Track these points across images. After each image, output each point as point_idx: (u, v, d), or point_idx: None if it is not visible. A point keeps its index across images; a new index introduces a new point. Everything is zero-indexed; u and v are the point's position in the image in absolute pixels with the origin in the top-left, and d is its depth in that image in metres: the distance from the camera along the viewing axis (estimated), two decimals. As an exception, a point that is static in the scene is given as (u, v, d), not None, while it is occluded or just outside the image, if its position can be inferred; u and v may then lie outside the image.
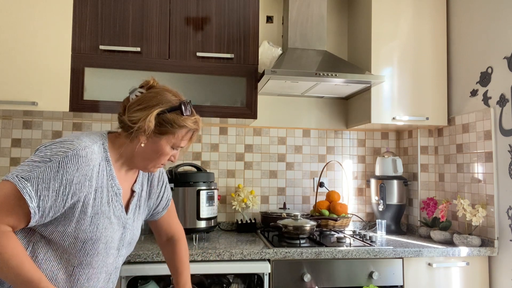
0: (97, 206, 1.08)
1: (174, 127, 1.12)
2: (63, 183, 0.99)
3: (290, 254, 1.86)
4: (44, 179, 0.97)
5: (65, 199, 1.00)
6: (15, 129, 2.35)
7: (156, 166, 1.17)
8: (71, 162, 1.00)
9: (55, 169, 0.98)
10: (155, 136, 1.12)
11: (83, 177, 1.03)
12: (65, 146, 1.02)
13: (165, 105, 1.12)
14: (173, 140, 1.14)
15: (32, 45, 2.03)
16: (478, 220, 2.04)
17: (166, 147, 1.14)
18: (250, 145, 2.59)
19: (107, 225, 1.10)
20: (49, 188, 0.98)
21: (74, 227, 1.04)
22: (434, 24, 2.40)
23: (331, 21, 2.72)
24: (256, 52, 2.23)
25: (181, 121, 1.12)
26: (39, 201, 0.97)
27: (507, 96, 1.99)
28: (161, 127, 1.11)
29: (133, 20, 2.13)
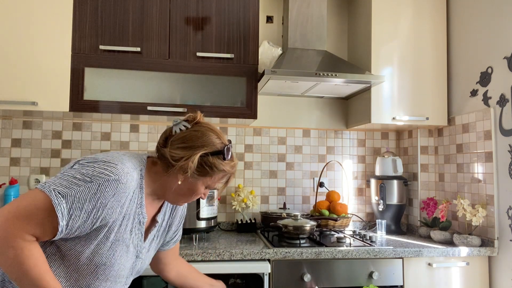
0: (121, 233, 1.05)
1: (214, 171, 1.10)
2: (97, 206, 0.97)
3: (290, 254, 1.86)
4: (80, 199, 0.95)
5: (94, 221, 0.98)
6: (15, 129, 2.35)
7: (186, 201, 1.16)
8: (110, 187, 0.98)
9: (94, 191, 0.96)
10: (193, 176, 1.09)
11: (117, 203, 1.00)
12: (108, 169, 0.99)
13: (209, 148, 1.09)
14: (209, 182, 1.13)
15: (32, 45, 2.03)
16: (478, 220, 2.04)
17: (201, 187, 1.13)
18: (250, 145, 2.59)
19: (124, 252, 1.08)
20: (82, 208, 0.95)
21: (93, 250, 1.02)
22: (434, 24, 2.40)
23: (331, 21, 2.72)
24: (256, 52, 2.23)
25: (221, 165, 1.11)
26: (70, 219, 0.94)
27: (507, 96, 1.99)
28: (201, 169, 1.09)
29: (133, 20, 2.13)
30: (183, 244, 1.96)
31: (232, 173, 1.15)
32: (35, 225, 0.93)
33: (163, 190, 1.14)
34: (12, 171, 2.33)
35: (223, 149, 1.11)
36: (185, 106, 2.15)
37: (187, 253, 1.79)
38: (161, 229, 1.25)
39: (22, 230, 0.91)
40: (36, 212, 0.92)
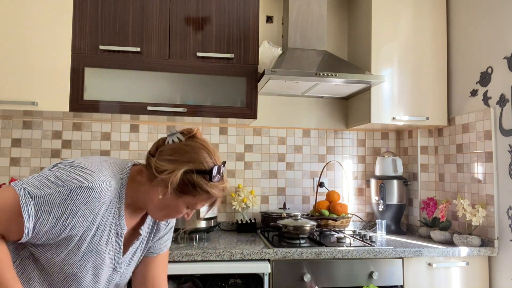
0: (94, 244, 1.00)
1: (197, 190, 1.01)
2: (66, 213, 0.92)
3: (290, 254, 1.86)
4: (49, 202, 0.91)
5: (63, 229, 0.93)
6: (15, 129, 2.35)
7: (166, 218, 1.07)
8: (82, 195, 0.93)
9: (64, 197, 0.91)
10: (174, 192, 1.01)
11: (89, 212, 0.95)
12: (83, 176, 0.94)
13: (196, 165, 1.00)
14: (191, 201, 1.03)
15: (32, 45, 2.03)
16: (478, 220, 2.04)
17: (182, 206, 1.04)
18: (250, 145, 2.59)
19: (98, 264, 1.02)
20: (50, 212, 0.91)
21: (63, 259, 0.97)
22: (434, 24, 2.40)
23: (331, 21, 2.72)
24: (256, 52, 2.23)
25: (206, 186, 1.01)
26: (37, 222, 0.90)
27: (507, 96, 1.99)
28: (183, 187, 1.00)
29: (133, 20, 2.13)
30: (183, 244, 1.96)
31: (218, 196, 1.05)
32: (3, 224, 0.90)
33: (144, 202, 1.06)
34: (12, 171, 2.33)
35: (211, 169, 1.01)
36: (185, 106, 2.15)
37: (187, 253, 1.79)
38: (144, 241, 1.17)
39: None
40: (3, 209, 0.90)
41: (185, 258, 1.78)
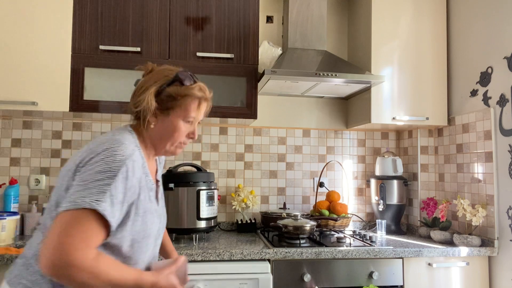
0: (144, 205, 1.08)
1: (178, 99, 1.11)
2: (125, 192, 0.99)
3: (290, 254, 1.86)
4: (115, 194, 0.96)
5: (127, 205, 1.02)
6: (15, 129, 2.35)
7: (175, 145, 1.15)
8: (131, 170, 1.00)
9: (121, 181, 0.97)
10: (162, 114, 1.11)
11: (137, 180, 1.04)
12: (120, 155, 0.99)
13: (162, 80, 1.11)
14: (182, 113, 1.12)
15: (32, 45, 2.03)
16: (478, 220, 2.04)
17: (177, 122, 1.12)
18: (250, 145, 2.59)
19: (152, 220, 1.11)
20: (118, 201, 0.97)
21: (130, 230, 1.04)
22: (434, 24, 2.40)
23: (331, 21, 2.72)
24: (256, 52, 2.23)
25: (183, 90, 1.11)
26: (114, 217, 0.97)
27: (507, 96, 1.99)
28: (165, 103, 1.10)
29: (133, 20, 2.13)
30: (183, 244, 1.96)
31: (202, 96, 1.15)
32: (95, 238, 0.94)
33: (153, 146, 1.15)
34: (12, 171, 2.33)
35: (177, 76, 1.11)
36: (185, 106, 2.15)
37: (187, 253, 1.79)
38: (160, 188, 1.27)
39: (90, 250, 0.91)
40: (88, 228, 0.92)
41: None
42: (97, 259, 0.92)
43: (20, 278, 1.01)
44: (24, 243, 2.01)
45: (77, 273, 0.88)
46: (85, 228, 0.91)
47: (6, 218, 1.93)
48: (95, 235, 0.93)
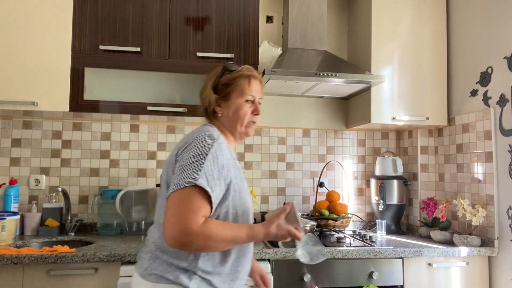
0: (238, 182, 1.23)
1: (231, 84, 1.29)
2: (220, 169, 1.15)
3: (290, 254, 1.86)
4: (209, 171, 1.12)
5: (224, 182, 1.17)
6: (15, 129, 2.35)
7: (244, 124, 1.30)
8: (219, 150, 1.17)
9: (212, 160, 1.14)
10: (224, 101, 1.30)
11: (227, 160, 1.19)
12: (208, 139, 1.18)
13: (214, 75, 1.32)
14: (239, 93, 1.29)
15: (32, 45, 2.03)
16: (478, 220, 2.04)
17: (237, 101, 1.28)
18: (250, 145, 2.59)
19: (248, 196, 1.27)
20: (213, 177, 1.13)
21: (231, 204, 1.19)
22: (434, 24, 2.40)
23: (331, 21, 2.72)
24: (256, 52, 2.23)
25: (232, 75, 1.30)
26: (213, 191, 1.12)
27: (507, 96, 1.99)
28: (223, 91, 1.30)
29: (133, 20, 2.13)
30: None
31: (250, 74, 1.30)
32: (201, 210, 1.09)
33: (229, 132, 1.32)
34: (12, 171, 2.33)
35: (224, 67, 1.31)
36: (185, 106, 2.15)
37: (187, 253, 1.78)
38: None
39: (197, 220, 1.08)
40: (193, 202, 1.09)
41: (185, 258, 1.78)
42: (206, 224, 1.09)
43: (151, 270, 1.17)
44: (24, 243, 2.02)
45: (194, 239, 1.07)
46: (190, 202, 1.09)
47: (6, 218, 1.93)
48: (199, 206, 1.10)
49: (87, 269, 1.74)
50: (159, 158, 2.48)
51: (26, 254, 1.68)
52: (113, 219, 2.23)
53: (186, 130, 2.51)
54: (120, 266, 1.74)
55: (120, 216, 2.21)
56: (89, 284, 1.74)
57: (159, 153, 2.48)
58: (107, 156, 2.43)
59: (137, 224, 2.24)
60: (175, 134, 2.50)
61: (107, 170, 2.42)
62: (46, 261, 1.69)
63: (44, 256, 1.69)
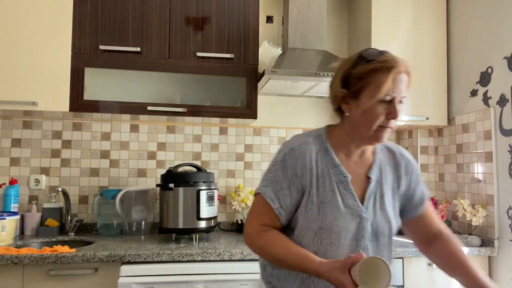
0: (322, 195, 1.08)
1: (365, 78, 1.03)
2: (290, 178, 1.08)
3: (290, 254, 1.86)
4: (277, 181, 1.09)
5: (297, 192, 1.09)
6: (15, 129, 2.35)
7: (372, 129, 1.05)
8: (290, 158, 1.09)
9: (281, 169, 1.09)
10: (353, 99, 1.07)
11: (304, 168, 1.08)
12: (283, 146, 1.13)
13: (347, 64, 1.08)
14: (373, 91, 1.03)
15: (32, 45, 2.03)
16: (478, 220, 2.04)
17: (369, 102, 1.03)
18: (250, 145, 2.59)
19: (336, 214, 1.07)
20: (282, 187, 1.09)
21: (304, 216, 1.09)
22: (434, 24, 2.40)
23: (331, 21, 2.72)
24: (256, 52, 2.23)
25: (368, 66, 1.03)
26: (280, 201, 1.09)
27: (507, 96, 1.99)
28: (354, 86, 1.05)
29: (133, 20, 2.13)
30: (183, 244, 1.96)
31: (391, 66, 1.02)
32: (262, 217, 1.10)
33: (352, 137, 1.12)
34: (12, 171, 2.33)
35: (359, 55, 1.06)
36: (185, 106, 2.15)
37: (187, 253, 1.79)
38: (384, 186, 1.15)
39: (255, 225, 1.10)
40: (259, 208, 1.11)
41: (185, 258, 1.78)
42: (261, 234, 1.08)
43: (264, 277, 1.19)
44: (24, 243, 2.02)
45: (250, 243, 1.10)
46: (256, 208, 1.12)
47: (6, 218, 1.93)
48: (261, 214, 1.10)
49: (87, 269, 1.74)
50: (159, 158, 2.48)
51: (26, 254, 1.69)
52: (113, 219, 2.23)
53: (186, 130, 2.51)
54: (120, 266, 1.74)
55: (120, 216, 2.21)
56: (89, 284, 1.74)
57: (159, 153, 2.48)
58: (107, 156, 2.43)
59: (137, 224, 2.24)
60: (175, 134, 2.50)
61: (107, 170, 2.42)
62: (46, 261, 1.69)
63: (44, 256, 1.69)
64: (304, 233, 1.09)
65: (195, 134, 2.52)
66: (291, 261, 1.03)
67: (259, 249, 1.09)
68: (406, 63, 1.07)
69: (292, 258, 1.03)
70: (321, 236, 1.07)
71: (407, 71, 1.06)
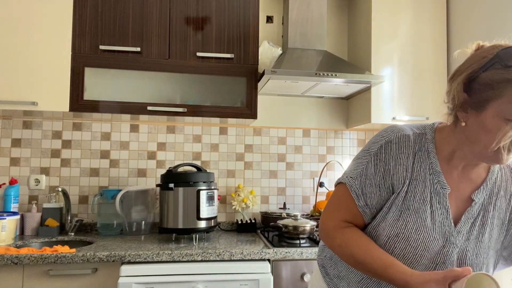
0: (409, 201, 0.93)
1: (496, 88, 0.80)
2: (382, 175, 0.94)
3: (290, 254, 1.86)
4: (368, 175, 0.95)
5: (386, 192, 0.95)
6: (15, 129, 2.35)
7: (492, 149, 0.83)
8: (384, 151, 0.94)
9: (373, 162, 0.95)
10: (475, 108, 0.83)
11: (399, 166, 0.93)
12: (379, 136, 0.98)
13: (478, 63, 0.83)
14: (503, 106, 0.79)
15: (32, 45, 2.03)
16: (478, 220, 2.04)
17: (494, 119, 0.80)
18: (250, 145, 2.59)
19: (419, 226, 0.92)
20: (371, 184, 0.95)
21: (383, 220, 0.96)
22: (434, 24, 2.40)
23: (331, 21, 2.72)
24: (256, 52, 2.23)
25: (504, 75, 0.79)
26: (366, 198, 0.96)
27: (507, 96, 1.99)
28: (479, 94, 0.82)
29: (133, 20, 2.13)
30: (183, 244, 1.96)
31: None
32: (344, 212, 0.98)
33: (463, 149, 0.91)
34: (12, 171, 2.33)
35: (497, 55, 0.81)
36: (185, 106, 2.15)
37: (187, 253, 1.79)
38: (490, 214, 0.95)
39: (334, 219, 0.99)
40: (341, 200, 0.99)
41: (185, 258, 1.78)
42: (342, 230, 0.97)
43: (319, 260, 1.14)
44: (24, 243, 2.02)
45: (326, 239, 1.00)
46: (337, 199, 1.00)
47: (6, 218, 1.93)
48: (344, 208, 0.98)
49: (87, 269, 1.74)
50: (159, 158, 2.48)
51: (26, 254, 1.69)
52: (113, 219, 2.23)
53: (186, 130, 2.52)
54: (120, 266, 1.74)
55: (120, 216, 2.21)
56: (89, 284, 1.74)
57: (159, 153, 2.48)
58: (107, 156, 2.43)
59: (137, 224, 2.24)
60: (175, 134, 2.50)
61: (107, 170, 2.42)
62: (46, 261, 1.69)
63: (44, 256, 1.69)
64: (376, 234, 0.96)
65: (195, 134, 2.52)
66: (374, 266, 0.90)
67: (337, 246, 0.96)
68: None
69: (375, 263, 0.90)
70: (394, 244, 0.94)
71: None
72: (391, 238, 0.94)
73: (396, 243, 0.93)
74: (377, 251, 0.92)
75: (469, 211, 0.94)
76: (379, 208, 0.97)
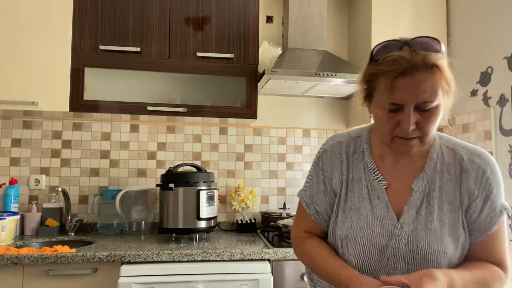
0: (350, 202, 0.98)
1: (371, 81, 0.89)
2: (324, 182, 1.03)
3: (290, 254, 1.86)
4: (313, 184, 1.06)
5: (330, 197, 1.03)
6: (15, 129, 2.35)
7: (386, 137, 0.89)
8: (321, 160, 1.05)
9: (315, 171, 1.06)
10: (370, 101, 0.93)
11: (336, 171, 1.02)
12: (320, 147, 1.08)
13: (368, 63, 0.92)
14: (377, 96, 0.88)
15: (32, 45, 2.03)
16: (478, 220, 2.03)
17: (375, 109, 0.90)
18: (250, 145, 2.59)
19: (363, 224, 0.95)
20: (318, 191, 1.04)
21: (334, 224, 1.01)
22: (434, 24, 2.40)
23: (331, 21, 2.72)
24: (256, 52, 2.23)
25: (371, 69, 0.88)
26: (316, 206, 1.05)
27: (507, 96, 1.99)
28: (367, 89, 0.92)
29: (133, 20, 2.13)
30: (183, 244, 1.96)
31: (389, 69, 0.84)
32: (302, 222, 1.08)
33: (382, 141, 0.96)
34: (12, 171, 2.33)
35: (372, 51, 0.91)
36: (185, 106, 2.15)
37: (187, 253, 1.79)
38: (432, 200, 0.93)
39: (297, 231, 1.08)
40: (299, 212, 1.10)
41: (185, 258, 1.78)
42: (303, 240, 1.06)
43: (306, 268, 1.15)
44: (24, 243, 2.02)
45: (294, 248, 1.09)
46: (297, 211, 1.10)
47: (6, 218, 1.93)
48: (302, 218, 1.08)
49: (87, 269, 1.74)
50: (159, 158, 2.48)
51: (26, 254, 1.69)
52: (113, 219, 2.23)
53: (186, 130, 2.52)
54: (120, 266, 1.74)
55: (120, 216, 2.21)
56: (89, 284, 1.74)
57: (159, 153, 2.48)
58: (107, 156, 2.43)
59: (137, 224, 2.24)
60: (175, 134, 2.50)
61: (107, 170, 2.42)
62: (46, 261, 1.69)
63: (44, 256, 1.69)
64: (334, 239, 1.00)
65: (195, 134, 2.52)
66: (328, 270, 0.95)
67: (299, 255, 1.07)
68: (427, 57, 0.88)
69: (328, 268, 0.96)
70: (347, 245, 0.96)
71: (427, 67, 0.88)
72: (343, 240, 0.98)
73: (348, 244, 0.97)
74: (329, 257, 0.98)
75: (410, 201, 0.95)
76: (331, 213, 1.04)
